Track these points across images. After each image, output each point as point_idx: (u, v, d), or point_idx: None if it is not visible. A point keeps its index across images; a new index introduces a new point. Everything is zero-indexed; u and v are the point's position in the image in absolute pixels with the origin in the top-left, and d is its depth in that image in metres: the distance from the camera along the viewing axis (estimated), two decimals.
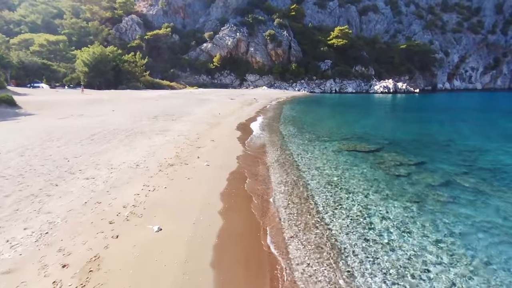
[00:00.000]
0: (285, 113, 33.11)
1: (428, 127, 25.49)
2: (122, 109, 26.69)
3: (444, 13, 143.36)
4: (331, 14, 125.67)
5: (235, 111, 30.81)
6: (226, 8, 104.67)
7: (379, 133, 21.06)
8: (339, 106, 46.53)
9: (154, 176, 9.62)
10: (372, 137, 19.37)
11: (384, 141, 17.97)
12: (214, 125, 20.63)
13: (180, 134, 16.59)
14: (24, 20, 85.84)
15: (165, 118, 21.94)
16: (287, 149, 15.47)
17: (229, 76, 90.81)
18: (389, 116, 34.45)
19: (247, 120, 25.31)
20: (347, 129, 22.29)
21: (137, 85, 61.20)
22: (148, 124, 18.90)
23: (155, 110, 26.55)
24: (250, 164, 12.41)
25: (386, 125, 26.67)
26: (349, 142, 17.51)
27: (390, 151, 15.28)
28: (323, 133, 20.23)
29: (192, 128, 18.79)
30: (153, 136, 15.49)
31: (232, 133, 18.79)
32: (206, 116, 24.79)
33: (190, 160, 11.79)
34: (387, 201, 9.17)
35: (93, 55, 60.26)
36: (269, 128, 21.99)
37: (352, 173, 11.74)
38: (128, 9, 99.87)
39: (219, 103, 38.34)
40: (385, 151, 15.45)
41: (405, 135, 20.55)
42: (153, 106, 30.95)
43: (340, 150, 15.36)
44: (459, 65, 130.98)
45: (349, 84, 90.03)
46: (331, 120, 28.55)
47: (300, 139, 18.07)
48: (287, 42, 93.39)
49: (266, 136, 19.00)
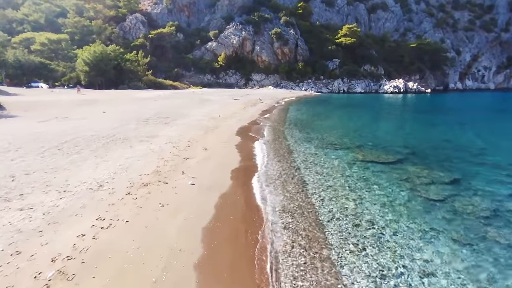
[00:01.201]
0: (291, 115, 30.70)
1: (450, 131, 22.83)
2: (114, 111, 24.59)
3: (455, 11, 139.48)
4: (339, 12, 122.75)
5: (237, 113, 28.52)
6: (232, 6, 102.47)
7: (396, 139, 18.58)
8: (348, 107, 43.92)
9: (117, 203, 7.35)
10: (389, 143, 16.90)
11: (404, 149, 15.51)
12: (210, 130, 18.34)
13: (169, 141, 14.32)
14: (27, 19, 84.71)
15: (157, 121, 19.72)
16: (292, 160, 13.09)
17: (234, 75, 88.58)
18: (404, 118, 31.73)
19: (249, 123, 22.98)
20: (360, 134, 19.82)
21: (138, 85, 59.33)
22: (135, 129, 16.67)
23: (149, 112, 24.38)
24: (247, 181, 10.09)
25: (403, 129, 24.02)
26: (363, 150, 15.07)
27: (413, 163, 12.81)
28: (333, 139, 17.81)
29: (184, 133, 16.54)
30: (135, 144, 13.24)
31: (230, 139, 16.49)
32: (204, 119, 22.54)
33: (172, 177, 9.51)
34: (425, 243, 6.77)
35: (94, 54, 58.58)
36: (273, 133, 19.64)
37: (373, 195, 9.33)
38: (133, 8, 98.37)
39: (221, 104, 36.11)
40: (407, 162, 12.99)
41: (426, 142, 18.03)
42: (149, 107, 28.83)
43: (354, 161, 12.94)
44: (471, 64, 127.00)
45: (358, 84, 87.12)
46: (341, 123, 26.02)
47: (307, 147, 15.68)
48: (294, 41, 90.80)
49: (269, 142, 16.65)
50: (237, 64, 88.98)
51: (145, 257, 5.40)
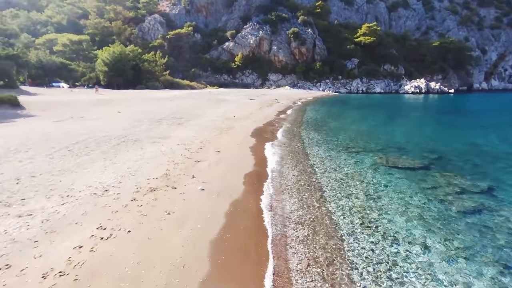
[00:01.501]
0: (308, 115, 29.88)
1: (475, 134, 21.38)
2: (129, 111, 24.51)
3: (481, 8, 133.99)
4: (358, 11, 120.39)
5: (252, 113, 27.96)
6: (249, 6, 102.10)
7: (421, 142, 17.51)
8: (367, 107, 42.60)
9: (120, 211, 6.91)
10: (413, 147, 15.91)
11: (430, 153, 14.50)
12: (224, 131, 17.84)
13: (181, 142, 13.90)
14: (50, 20, 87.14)
15: (171, 122, 19.40)
16: (309, 164, 12.39)
17: (250, 75, 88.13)
18: (427, 120, 30.25)
19: (265, 124, 22.36)
20: (381, 137, 18.83)
21: (156, 85, 59.72)
22: (148, 130, 16.37)
23: (164, 112, 24.15)
24: (261, 187, 9.49)
25: (427, 131, 22.74)
26: (386, 154, 14.18)
27: (440, 170, 11.86)
28: (353, 142, 16.96)
29: (197, 134, 16.10)
30: (146, 146, 12.88)
31: (244, 140, 15.93)
32: (219, 119, 22.09)
33: (182, 182, 9.03)
34: (459, 266, 5.97)
35: (113, 55, 59.40)
36: (289, 134, 18.96)
37: (399, 205, 8.54)
38: (151, 9, 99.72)
39: (236, 104, 35.65)
40: (435, 168, 12.05)
41: (451, 146, 16.89)
42: (165, 107, 28.66)
43: (376, 166, 12.10)
44: (497, 64, 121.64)
45: (377, 84, 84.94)
46: (361, 125, 24.97)
47: (325, 149, 14.93)
48: (312, 40, 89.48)
49: (285, 144, 15.99)
50: (254, 64, 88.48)
51: (144, 274, 4.89)
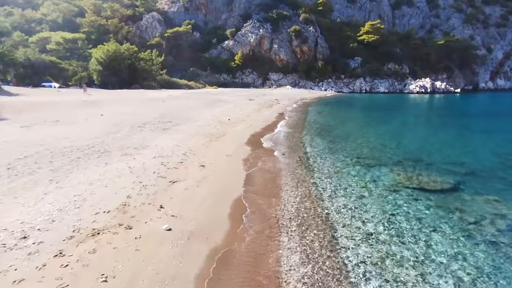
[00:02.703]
0: (311, 118, 27.51)
1: (500, 141, 18.92)
2: (114, 113, 22.21)
3: (486, 6, 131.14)
4: (361, 9, 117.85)
5: (250, 115, 25.64)
6: (249, 3, 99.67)
7: (441, 152, 15.11)
8: (374, 109, 40.16)
9: (28, 279, 4.56)
10: (433, 158, 13.54)
11: (455, 167, 12.13)
12: (215, 138, 15.53)
13: (159, 154, 11.58)
14: (45, 18, 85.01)
15: (156, 127, 17.08)
16: (313, 183, 10.06)
17: (251, 75, 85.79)
18: (440, 123, 27.66)
19: (263, 129, 20.02)
20: (395, 145, 16.45)
21: (152, 85, 57.44)
22: (125, 137, 14.04)
23: (151, 115, 21.84)
24: (251, 223, 7.17)
25: (444, 138, 19.98)
26: (405, 169, 11.82)
27: (476, 192, 9.49)
28: (363, 151, 14.62)
29: (182, 142, 13.80)
30: (114, 160, 10.54)
31: (237, 150, 13.61)
32: (211, 123, 19.76)
33: (143, 216, 6.72)
34: None
35: (107, 53, 57.17)
36: (290, 142, 16.61)
37: (436, 253, 6.23)
38: (150, 7, 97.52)
39: (234, 105, 33.34)
40: (468, 190, 9.68)
41: (479, 156, 14.50)
42: (155, 108, 26.37)
43: (396, 188, 9.75)
44: (503, 63, 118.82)
45: (381, 83, 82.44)
46: (370, 130, 22.53)
47: (332, 162, 12.59)
48: (314, 39, 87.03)
49: (285, 155, 13.67)
50: (254, 63, 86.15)
51: None
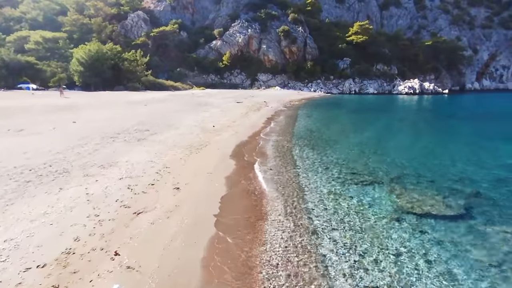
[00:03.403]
0: (300, 123, 26.31)
1: (504, 149, 17.80)
2: (88, 120, 20.54)
3: (471, 7, 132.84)
4: (350, 9, 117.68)
5: (236, 121, 24.27)
6: (237, 3, 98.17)
7: (442, 165, 13.75)
8: (364, 112, 39.23)
9: None
10: (436, 174, 12.33)
11: (463, 185, 10.95)
12: (196, 150, 14.11)
13: (128, 174, 10.08)
14: (24, 17, 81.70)
15: (131, 137, 15.54)
16: (305, 210, 8.77)
17: (239, 75, 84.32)
18: (436, 128, 26.44)
19: (250, 137, 18.66)
20: (391, 156, 15.29)
21: (136, 86, 55.43)
22: (92, 152, 12.45)
23: (128, 121, 20.24)
24: (224, 277, 5.79)
25: (442, 146, 18.59)
26: (404, 188, 10.63)
27: (494, 220, 8.33)
28: (357, 164, 13.42)
29: (158, 156, 12.34)
30: (71, 184, 8.94)
31: (220, 165, 12.22)
32: (193, 131, 18.31)
33: (88, 272, 5.29)
34: None
35: (89, 53, 54.99)
36: (278, 154, 15.30)
37: None
38: (135, 5, 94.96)
39: (220, 109, 31.92)
40: (483, 218, 8.47)
41: (484, 169, 13.15)
42: (135, 113, 24.76)
43: (398, 215, 8.51)
44: (488, 63, 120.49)
45: (370, 84, 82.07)
46: (362, 137, 21.30)
47: (324, 179, 11.35)
48: (302, 39, 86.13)
49: (272, 170, 12.36)
50: (243, 64, 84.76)
51: None
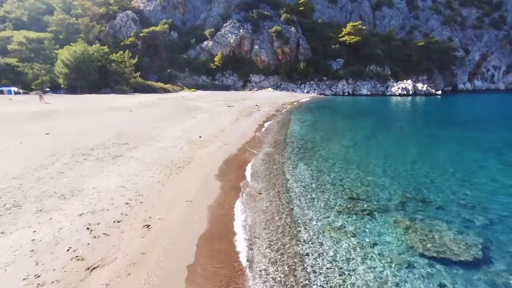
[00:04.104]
0: (293, 130, 24.98)
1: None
2: (64, 130, 18.93)
3: (463, 8, 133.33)
4: (342, 9, 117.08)
5: (225, 129, 22.87)
6: (229, 3, 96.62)
7: (452, 186, 12.00)
8: (359, 116, 37.95)
9: None
10: (446, 199, 10.91)
11: (479, 214, 9.60)
12: (177, 168, 12.66)
13: (91, 207, 8.55)
14: (8, 16, 78.95)
15: (106, 153, 14.01)
16: (298, 253, 7.42)
17: (231, 76, 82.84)
18: (440, 137, 23.63)
19: (239, 150, 17.26)
20: (392, 173, 13.83)
21: (123, 89, 53.60)
22: (55, 175, 10.87)
23: (107, 132, 18.68)
24: None
25: (451, 161, 16.39)
26: (411, 219, 9.28)
27: None
28: (355, 187, 12.05)
29: (132, 180, 10.89)
30: (15, 227, 7.32)
31: (201, 191, 10.76)
32: (177, 144, 16.85)
33: None
34: None
35: (74, 55, 53.03)
36: (269, 170, 13.92)
37: None
38: (124, 5, 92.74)
39: (210, 114, 30.46)
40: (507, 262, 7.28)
41: (499, 190, 11.83)
42: (118, 121, 23.18)
43: (406, 258, 7.23)
44: (480, 64, 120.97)
45: (363, 85, 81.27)
46: (359, 149, 19.42)
47: (320, 209, 10.01)
48: (295, 40, 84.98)
49: (262, 194, 10.99)
50: (235, 65, 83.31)
51: None
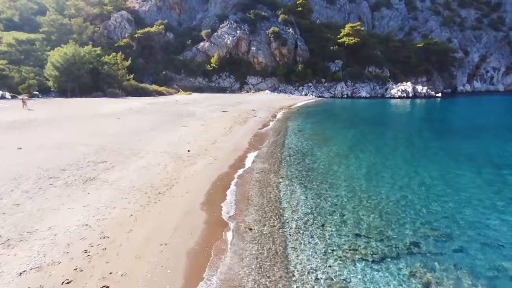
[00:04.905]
0: (290, 142, 23.33)
1: None
2: (39, 144, 17.24)
3: (462, 9, 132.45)
4: (341, 10, 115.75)
5: (217, 140, 21.24)
6: (226, 3, 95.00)
7: (478, 221, 10.35)
8: (361, 123, 35.94)
9: None
10: (472, 237, 9.37)
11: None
12: (157, 195, 11.01)
13: (35, 262, 6.93)
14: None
15: (77, 175, 12.28)
16: None
17: (228, 78, 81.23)
18: (453, 152, 21.49)
19: (230, 167, 15.62)
20: (403, 200, 12.20)
21: (115, 92, 51.79)
22: (5, 211, 9.15)
23: (86, 146, 17.00)
24: None
25: (473, 183, 14.52)
26: (431, 268, 7.77)
27: None
28: (360, 217, 10.46)
29: (99, 215, 9.25)
30: None
31: (180, 229, 9.07)
32: (161, 161, 15.19)
33: None
34: None
35: (65, 56, 51.19)
36: (261, 196, 12.28)
37: None
38: (119, 5, 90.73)
39: (202, 121, 28.83)
40: None
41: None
42: (100, 130, 21.50)
43: None
44: (479, 65, 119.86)
45: (363, 87, 79.85)
46: (363, 167, 17.14)
47: (320, 253, 8.38)
48: (293, 41, 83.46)
49: (251, 235, 9.36)
50: (232, 66, 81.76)
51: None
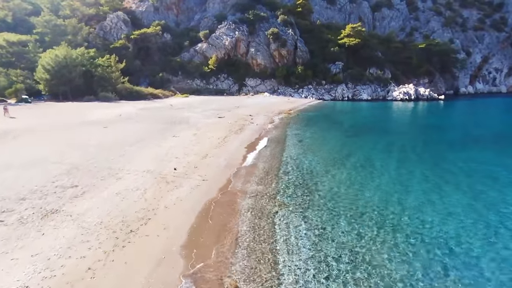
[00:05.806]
0: (289, 154, 21.52)
1: None
2: (8, 162, 15.50)
3: (463, 9, 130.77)
4: (341, 11, 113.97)
5: (208, 154, 19.47)
6: (224, 3, 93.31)
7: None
8: (365, 131, 33.73)
9: None
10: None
11: None
12: (124, 238, 9.22)
13: None
14: None
15: (37, 207, 10.48)
16: None
17: (226, 80, 79.49)
18: (467, 169, 19.45)
19: (220, 190, 13.82)
20: (417, 235, 10.48)
21: (108, 96, 50.03)
22: None
23: (57, 166, 15.24)
24: None
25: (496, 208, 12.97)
26: None
27: None
28: (370, 259, 8.77)
29: (51, 265, 7.54)
30: None
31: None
32: (141, 185, 13.40)
33: None
34: None
35: (56, 59, 49.42)
36: (253, 235, 10.48)
37: None
38: (115, 5, 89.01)
39: (195, 130, 27.08)
40: None
41: None
42: (78, 146, 19.72)
43: None
44: (481, 66, 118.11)
45: (364, 89, 78.00)
46: (370, 190, 15.06)
47: None
48: (293, 42, 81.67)
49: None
50: (230, 68, 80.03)
51: None
